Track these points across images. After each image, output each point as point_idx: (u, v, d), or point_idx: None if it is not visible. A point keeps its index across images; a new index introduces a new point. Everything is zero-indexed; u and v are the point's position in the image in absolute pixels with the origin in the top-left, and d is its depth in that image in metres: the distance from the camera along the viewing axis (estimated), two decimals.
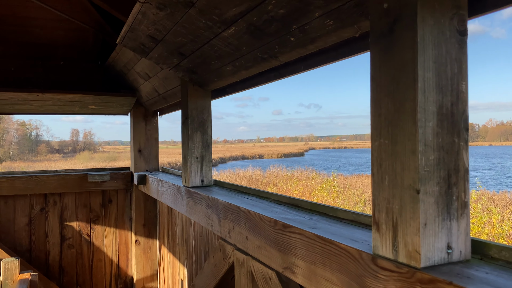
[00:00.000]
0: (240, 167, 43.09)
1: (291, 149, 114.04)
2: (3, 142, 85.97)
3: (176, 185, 2.97)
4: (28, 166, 55.75)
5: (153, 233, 4.51)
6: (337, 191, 24.68)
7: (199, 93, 2.71)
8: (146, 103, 4.26)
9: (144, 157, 4.50)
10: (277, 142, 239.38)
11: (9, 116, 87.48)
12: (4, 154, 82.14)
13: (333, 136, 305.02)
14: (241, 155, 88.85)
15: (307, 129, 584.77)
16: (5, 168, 55.51)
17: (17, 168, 53.56)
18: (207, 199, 2.31)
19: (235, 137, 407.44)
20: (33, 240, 4.24)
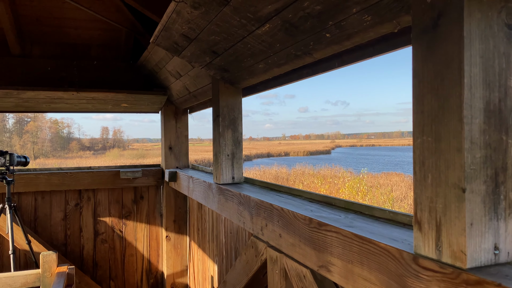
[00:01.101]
0: (265, 164, 43.11)
1: (317, 146, 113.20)
2: (37, 140, 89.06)
3: (207, 182, 3.00)
4: (60, 163, 57.57)
5: (183, 229, 4.58)
6: (365, 189, 24.35)
7: (230, 91, 2.73)
8: (177, 101, 4.32)
9: (174, 154, 4.57)
10: (303, 140, 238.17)
11: (43, 114, 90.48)
12: (39, 151, 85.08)
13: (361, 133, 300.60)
14: (267, 152, 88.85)
15: (334, 127, 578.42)
16: (39, 164, 57.52)
17: (50, 164, 55.42)
18: (239, 196, 2.32)
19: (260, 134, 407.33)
20: (68, 234, 4.38)
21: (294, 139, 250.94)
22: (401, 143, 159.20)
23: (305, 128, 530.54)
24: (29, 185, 4.13)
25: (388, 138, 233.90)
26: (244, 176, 2.83)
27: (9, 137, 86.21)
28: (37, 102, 4.02)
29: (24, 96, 3.84)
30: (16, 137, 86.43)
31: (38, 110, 4.26)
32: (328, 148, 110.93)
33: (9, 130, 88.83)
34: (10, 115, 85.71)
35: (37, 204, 4.27)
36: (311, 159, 62.54)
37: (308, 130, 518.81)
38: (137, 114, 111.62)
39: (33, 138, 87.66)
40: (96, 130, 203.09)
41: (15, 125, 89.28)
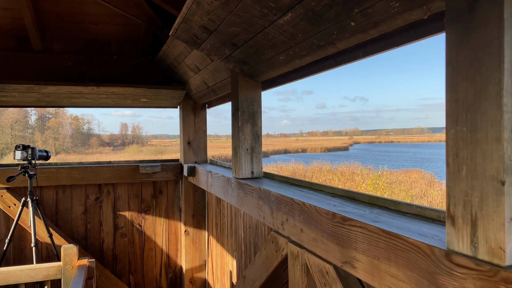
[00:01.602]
0: (282, 161, 43.00)
1: (335, 143, 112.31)
2: (58, 136, 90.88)
3: (226, 177, 2.98)
4: (81, 158, 58.60)
5: (202, 223, 4.58)
6: (384, 186, 24.05)
7: (249, 84, 2.69)
8: (195, 96, 4.31)
9: (193, 149, 4.57)
10: (320, 136, 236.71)
11: (64, 110, 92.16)
12: (60, 146, 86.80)
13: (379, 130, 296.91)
14: (284, 149, 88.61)
15: (352, 123, 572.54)
16: (60, 160, 58.76)
17: (71, 160, 56.51)
18: (259, 190, 2.29)
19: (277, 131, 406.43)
20: (88, 228, 4.43)
21: (312, 136, 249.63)
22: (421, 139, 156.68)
23: (323, 124, 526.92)
24: (50, 179, 4.19)
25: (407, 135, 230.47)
26: (263, 171, 2.79)
27: (32, 133, 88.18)
28: (58, 97, 4.07)
29: (45, 91, 3.89)
30: (38, 133, 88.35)
31: (59, 105, 4.31)
32: (346, 145, 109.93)
33: (31, 126, 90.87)
34: (32, 112, 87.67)
35: (58, 198, 4.33)
36: (329, 156, 62.11)
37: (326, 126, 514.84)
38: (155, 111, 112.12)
39: (54, 134, 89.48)
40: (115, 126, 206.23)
41: (37, 121, 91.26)
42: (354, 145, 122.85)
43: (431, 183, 26.34)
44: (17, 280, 2.88)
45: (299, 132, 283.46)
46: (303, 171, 33.34)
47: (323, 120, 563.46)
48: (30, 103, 4.18)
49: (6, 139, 77.37)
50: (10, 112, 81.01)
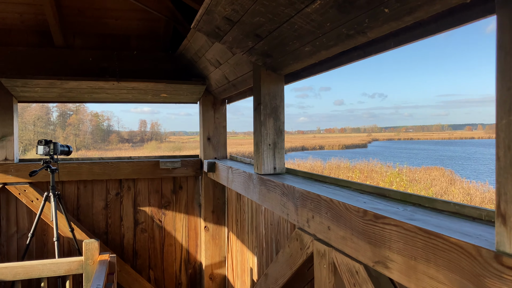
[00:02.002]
0: (300, 158, 42.78)
1: (353, 140, 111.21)
2: (79, 132, 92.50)
3: (247, 173, 2.92)
4: (100, 154, 59.50)
5: (222, 219, 4.54)
6: (403, 184, 23.66)
7: (272, 78, 2.63)
8: (215, 91, 4.26)
9: (212, 145, 4.53)
10: (338, 133, 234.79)
11: (84, 107, 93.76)
12: (80, 143, 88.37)
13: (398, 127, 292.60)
14: (301, 146, 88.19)
15: (371, 120, 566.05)
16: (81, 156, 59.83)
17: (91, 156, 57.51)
18: (282, 186, 2.23)
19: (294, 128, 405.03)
20: (109, 223, 4.45)
21: (329, 133, 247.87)
22: (441, 136, 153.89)
23: (341, 121, 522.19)
24: (72, 174, 4.21)
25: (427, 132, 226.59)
26: (286, 167, 2.73)
27: (53, 130, 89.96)
28: (79, 92, 4.08)
29: (67, 86, 3.90)
30: (60, 129, 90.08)
31: (81, 100, 4.33)
32: (364, 142, 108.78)
33: (53, 123, 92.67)
34: (54, 108, 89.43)
35: (79, 193, 4.36)
36: (347, 153, 61.55)
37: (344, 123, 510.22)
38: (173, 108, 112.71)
39: (75, 130, 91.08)
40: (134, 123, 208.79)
41: (58, 118, 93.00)
42: (373, 142, 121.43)
43: (452, 181, 25.84)
44: (40, 274, 2.89)
45: (316, 129, 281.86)
46: (320, 168, 33.10)
47: (341, 117, 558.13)
48: (52, 98, 4.20)
49: (29, 135, 79.15)
50: (32, 109, 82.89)
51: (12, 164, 4.03)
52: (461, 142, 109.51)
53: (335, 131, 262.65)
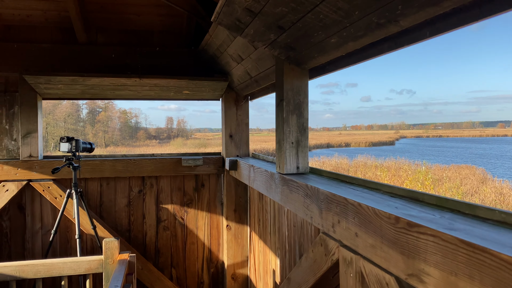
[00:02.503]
0: (325, 155, 42.32)
1: (380, 137, 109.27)
2: (108, 129, 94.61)
3: (269, 172, 2.81)
4: (128, 151, 60.65)
5: (244, 219, 4.45)
6: (431, 182, 22.99)
7: (295, 72, 2.50)
8: (237, 87, 4.16)
9: (235, 143, 4.44)
10: (364, 130, 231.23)
11: (112, 104, 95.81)
12: (109, 139, 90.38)
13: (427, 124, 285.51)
14: (326, 143, 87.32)
15: (398, 117, 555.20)
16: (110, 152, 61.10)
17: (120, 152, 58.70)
18: (305, 187, 2.10)
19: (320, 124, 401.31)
20: (131, 221, 4.43)
21: (356, 130, 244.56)
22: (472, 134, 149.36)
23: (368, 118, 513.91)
24: (94, 171, 4.21)
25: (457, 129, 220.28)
26: (309, 166, 2.60)
27: (83, 126, 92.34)
28: (102, 89, 4.06)
29: (89, 83, 3.89)
30: (89, 126, 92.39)
31: (104, 97, 4.32)
32: (392, 139, 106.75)
33: (83, 120, 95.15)
34: (83, 106, 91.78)
35: (102, 190, 4.35)
36: (374, 150, 60.54)
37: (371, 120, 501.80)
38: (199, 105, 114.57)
39: (104, 127, 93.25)
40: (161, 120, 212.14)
41: (88, 115, 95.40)
42: (401, 140, 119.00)
43: (484, 180, 24.95)
44: (60, 272, 2.87)
45: (342, 126, 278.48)
46: (346, 166, 32.62)
47: (367, 114, 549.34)
48: (75, 95, 4.20)
49: (59, 132, 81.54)
50: (63, 106, 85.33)
51: (37, 161, 4.06)
52: (493, 140, 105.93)
53: (361, 128, 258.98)
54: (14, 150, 4.12)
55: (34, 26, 4.12)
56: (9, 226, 4.13)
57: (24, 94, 4.00)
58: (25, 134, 4.04)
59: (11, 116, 4.10)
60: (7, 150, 4.11)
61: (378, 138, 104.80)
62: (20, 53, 4.00)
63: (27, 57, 4.01)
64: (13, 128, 4.10)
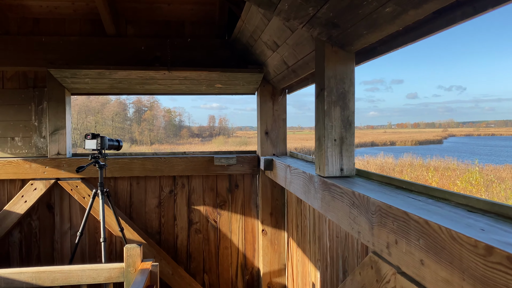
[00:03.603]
0: (369, 154, 41.03)
1: (427, 135, 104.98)
2: (153, 127, 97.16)
3: (307, 174, 2.43)
4: (172, 149, 61.93)
5: (281, 223, 4.09)
6: (482, 183, 21.49)
7: (339, 56, 2.10)
8: (274, 80, 3.80)
9: (271, 140, 4.08)
10: (410, 128, 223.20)
11: (158, 104, 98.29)
12: (154, 137, 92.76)
13: (478, 121, 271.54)
14: (371, 141, 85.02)
15: (447, 114, 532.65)
16: (155, 149, 62.55)
17: (163, 150, 59.94)
18: (352, 195, 1.71)
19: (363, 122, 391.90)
20: (162, 222, 4.19)
21: (401, 128, 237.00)
22: None
23: (414, 115, 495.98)
24: (123, 169, 4.00)
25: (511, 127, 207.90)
26: (355, 167, 2.19)
27: (130, 125, 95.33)
28: (130, 83, 3.83)
29: (117, 77, 3.67)
30: (135, 124, 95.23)
31: (132, 92, 4.10)
32: (439, 138, 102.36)
33: (129, 119, 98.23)
34: (130, 104, 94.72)
35: (132, 190, 4.14)
36: (420, 149, 58.15)
37: (417, 118, 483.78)
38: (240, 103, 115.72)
39: (149, 125, 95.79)
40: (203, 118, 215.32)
41: (134, 113, 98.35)
42: (449, 138, 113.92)
43: None
44: (79, 280, 2.64)
45: (387, 124, 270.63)
46: (392, 165, 31.37)
47: (414, 111, 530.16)
48: (103, 90, 4.01)
49: (108, 130, 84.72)
50: (111, 105, 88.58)
51: (65, 159, 3.90)
52: None
53: (407, 126, 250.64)
54: (43, 148, 3.98)
55: (63, 19, 3.95)
56: (38, 225, 4.00)
57: (52, 89, 3.85)
58: (53, 131, 3.89)
59: (40, 113, 3.96)
60: (36, 148, 3.98)
61: (425, 137, 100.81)
62: (48, 46, 3.85)
63: (55, 50, 3.85)
64: (42, 125, 3.97)
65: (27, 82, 3.95)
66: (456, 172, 25.64)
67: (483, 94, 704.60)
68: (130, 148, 63.85)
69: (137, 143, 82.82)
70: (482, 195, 18.83)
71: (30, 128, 3.96)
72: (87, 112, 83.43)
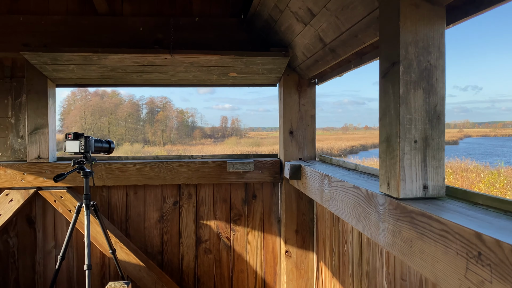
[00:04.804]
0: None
1: None
2: (166, 128, 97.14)
3: (362, 190, 1.68)
4: (185, 149, 61.45)
5: (309, 243, 3.34)
6: (505, 185, 20.35)
7: (421, 12, 1.36)
8: (301, 66, 3.06)
9: (296, 141, 3.34)
10: None
11: (170, 104, 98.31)
12: (167, 138, 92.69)
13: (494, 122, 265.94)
14: None
15: (462, 115, 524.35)
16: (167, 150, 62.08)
17: (176, 151, 59.58)
18: (474, 238, 0.96)
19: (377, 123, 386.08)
20: (165, 240, 3.48)
21: None
22: None
23: None
24: (117, 177, 3.30)
25: None
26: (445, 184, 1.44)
27: (143, 126, 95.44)
28: (125, 71, 3.13)
29: (108, 63, 2.97)
30: (148, 125, 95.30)
31: (129, 83, 3.39)
32: (455, 138, 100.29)
33: (142, 119, 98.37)
34: (143, 105, 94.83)
35: (128, 201, 3.44)
36: None
37: None
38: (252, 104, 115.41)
39: (162, 126, 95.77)
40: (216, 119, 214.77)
41: (147, 114, 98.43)
42: (465, 139, 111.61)
43: None
44: None
45: None
46: None
47: None
48: (93, 80, 3.31)
49: (121, 131, 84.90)
50: (124, 106, 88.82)
51: (47, 164, 3.22)
52: None
53: None
54: (20, 150, 3.30)
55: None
56: (16, 243, 3.33)
57: (31, 79, 3.17)
58: (33, 130, 3.21)
59: (17, 108, 3.29)
60: (13, 150, 3.30)
61: None
62: (27, 27, 3.17)
63: (35, 32, 3.16)
64: (19, 123, 3.29)
65: (4, 71, 3.28)
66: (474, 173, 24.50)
67: (499, 94, 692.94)
68: (143, 149, 63.59)
69: (150, 143, 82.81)
70: (506, 195, 17.77)
71: (5, 127, 3.29)
72: (100, 113, 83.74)
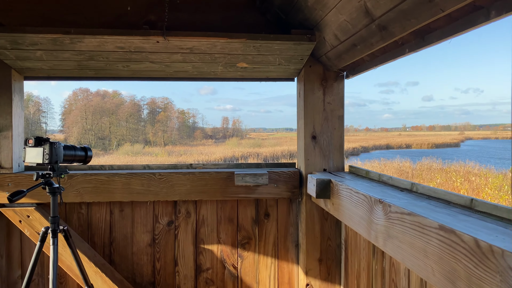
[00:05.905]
0: (385, 157, 39.20)
1: (443, 139, 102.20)
2: (167, 128, 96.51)
3: (468, 240, 1.04)
4: (186, 150, 60.79)
5: (335, 275, 2.70)
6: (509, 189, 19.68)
7: None
8: (329, 54, 2.42)
9: (320, 148, 2.69)
10: (426, 131, 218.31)
11: (171, 104, 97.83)
12: (168, 139, 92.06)
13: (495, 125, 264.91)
14: (386, 144, 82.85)
15: (463, 117, 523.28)
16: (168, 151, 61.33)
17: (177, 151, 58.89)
18: None
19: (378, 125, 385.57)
20: (157, 268, 2.83)
21: (416, 130, 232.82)
22: None
23: (429, 118, 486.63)
24: (99, 191, 2.66)
25: None
26: None
27: (144, 126, 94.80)
28: (108, 60, 2.49)
29: (84, 48, 2.33)
30: (149, 126, 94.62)
31: (112, 74, 2.75)
32: (456, 141, 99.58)
33: (143, 120, 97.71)
34: (144, 106, 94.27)
35: (113, 220, 2.80)
36: (437, 153, 55.93)
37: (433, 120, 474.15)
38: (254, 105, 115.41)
39: (163, 127, 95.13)
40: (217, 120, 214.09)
41: (148, 115, 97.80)
42: (466, 141, 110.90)
43: None
44: None
45: (402, 126, 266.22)
46: (410, 169, 29.60)
47: (429, 114, 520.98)
48: (70, 72, 2.67)
49: (122, 131, 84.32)
50: (125, 106, 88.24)
51: (10, 175, 2.58)
52: None
53: (422, 128, 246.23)
54: None
55: None
56: None
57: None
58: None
59: None
60: None
61: (441, 140, 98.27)
62: None
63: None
64: None
65: None
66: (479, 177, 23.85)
67: (500, 97, 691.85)
68: (144, 150, 62.91)
69: (151, 144, 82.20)
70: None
71: None
72: (101, 113, 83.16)
